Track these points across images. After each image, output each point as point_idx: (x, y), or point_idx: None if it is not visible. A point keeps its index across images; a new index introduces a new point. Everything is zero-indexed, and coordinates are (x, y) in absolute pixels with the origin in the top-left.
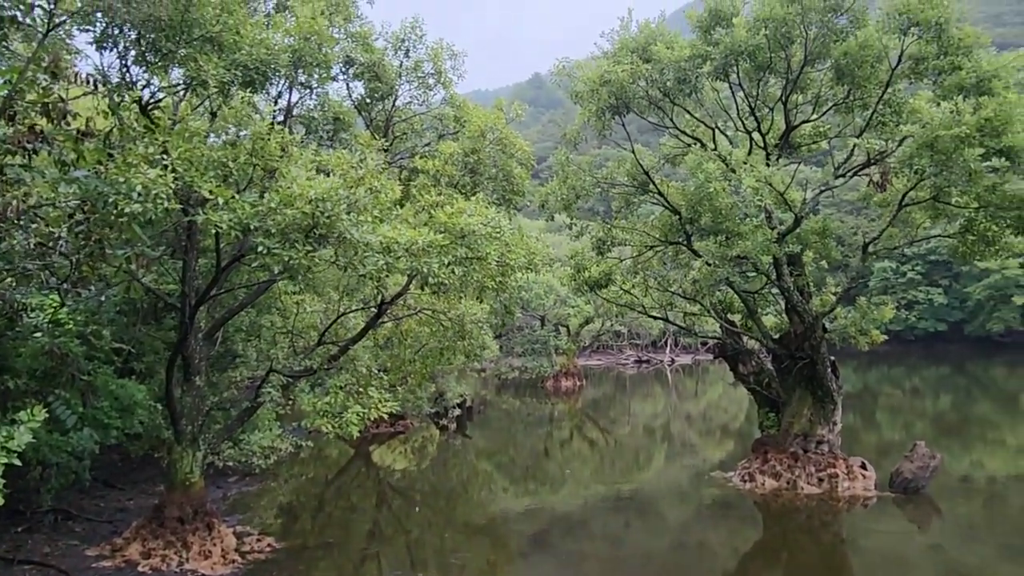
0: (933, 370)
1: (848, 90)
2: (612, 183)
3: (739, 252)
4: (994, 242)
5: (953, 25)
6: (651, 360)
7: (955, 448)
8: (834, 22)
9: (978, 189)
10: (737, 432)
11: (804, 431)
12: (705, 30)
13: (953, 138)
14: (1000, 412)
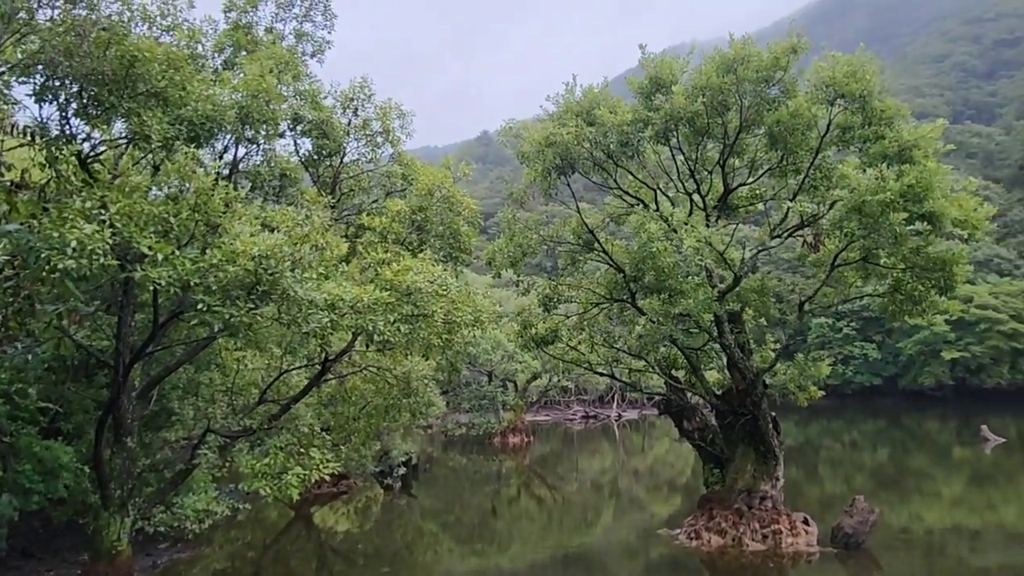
0: (870, 423)
1: (782, 155)
2: (558, 241)
3: (681, 310)
4: (920, 301)
5: (876, 97)
6: (598, 415)
7: (894, 501)
8: (766, 92)
9: (904, 251)
10: (684, 487)
11: (748, 487)
12: (646, 96)
13: (879, 203)
14: (935, 465)
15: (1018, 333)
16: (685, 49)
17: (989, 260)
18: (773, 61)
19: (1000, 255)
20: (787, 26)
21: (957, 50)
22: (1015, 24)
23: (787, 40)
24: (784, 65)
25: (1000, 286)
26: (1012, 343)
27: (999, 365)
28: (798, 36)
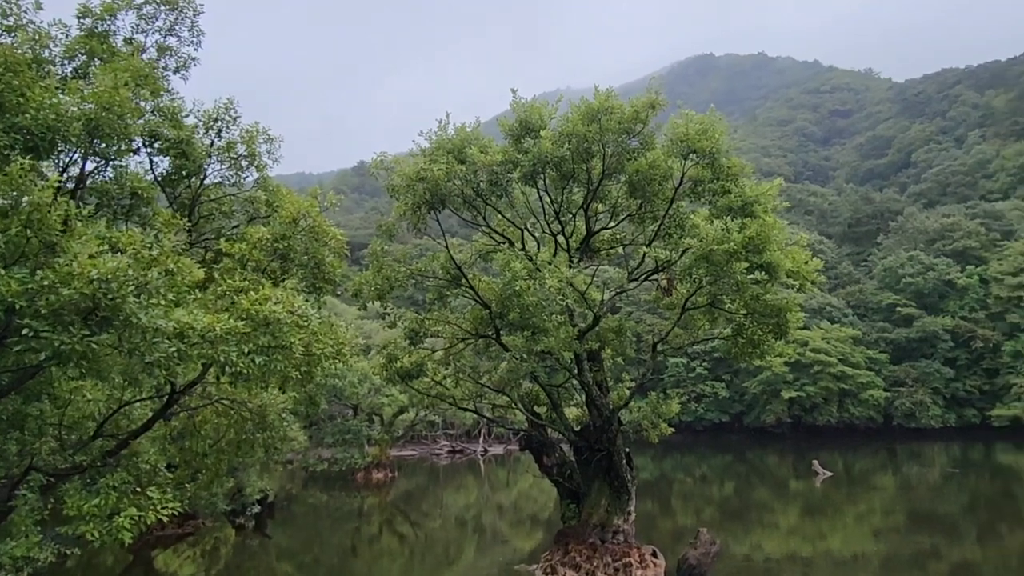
0: (719, 458)
1: (640, 203)
2: (426, 275)
3: (543, 347)
4: (759, 344)
5: (723, 155)
6: (465, 450)
7: (738, 532)
8: (627, 143)
9: (745, 298)
10: (546, 522)
11: (602, 521)
12: (516, 138)
13: (724, 252)
14: (774, 497)
15: (845, 375)
16: (569, 93)
17: (822, 308)
18: (634, 114)
19: (831, 304)
20: (660, 80)
21: (799, 116)
22: (847, 97)
23: (647, 96)
24: (644, 119)
25: (831, 332)
26: (840, 384)
27: (829, 404)
28: (656, 93)
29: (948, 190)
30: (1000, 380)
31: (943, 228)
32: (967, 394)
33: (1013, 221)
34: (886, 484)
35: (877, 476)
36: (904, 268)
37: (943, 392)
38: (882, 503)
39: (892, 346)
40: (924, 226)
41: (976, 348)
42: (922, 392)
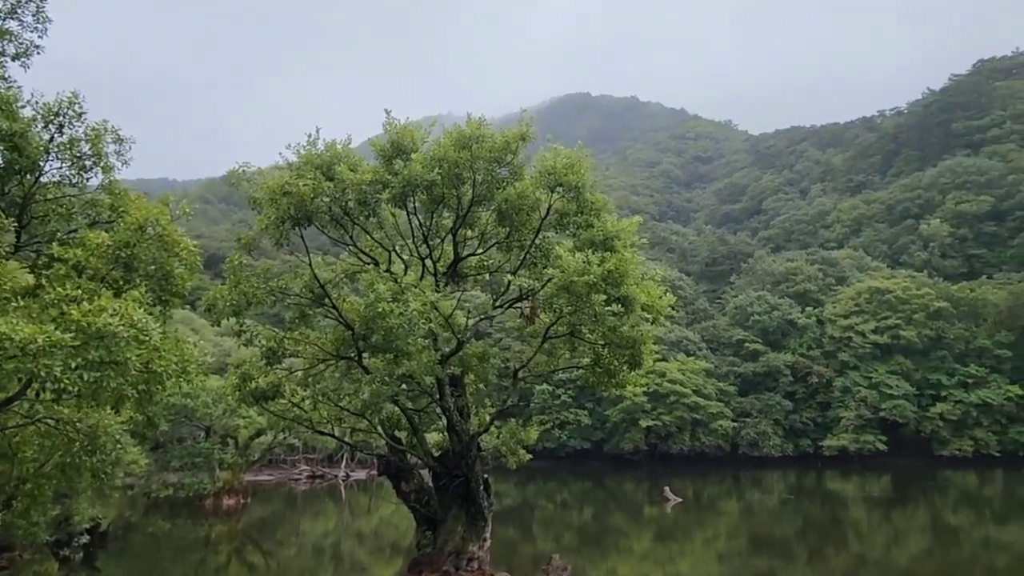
0: (580, 484)
1: (508, 231)
2: (287, 292)
3: (405, 371)
4: (615, 374)
5: (588, 190)
6: (326, 475)
7: (595, 557)
8: (498, 172)
9: (603, 328)
10: (407, 549)
11: (457, 548)
12: (387, 159)
13: (584, 284)
14: (629, 523)
15: (698, 405)
16: (451, 119)
17: (679, 341)
18: (505, 144)
19: (688, 337)
20: (540, 113)
21: (665, 159)
22: (709, 145)
23: (518, 128)
24: (514, 149)
25: (687, 364)
26: (693, 414)
27: (683, 433)
28: (527, 126)
29: (792, 237)
30: (831, 413)
31: (787, 271)
32: (803, 425)
33: (846, 268)
34: (731, 509)
35: (723, 502)
36: (753, 307)
37: (783, 423)
38: (727, 527)
39: (740, 379)
40: (771, 269)
41: (812, 383)
42: (765, 423)
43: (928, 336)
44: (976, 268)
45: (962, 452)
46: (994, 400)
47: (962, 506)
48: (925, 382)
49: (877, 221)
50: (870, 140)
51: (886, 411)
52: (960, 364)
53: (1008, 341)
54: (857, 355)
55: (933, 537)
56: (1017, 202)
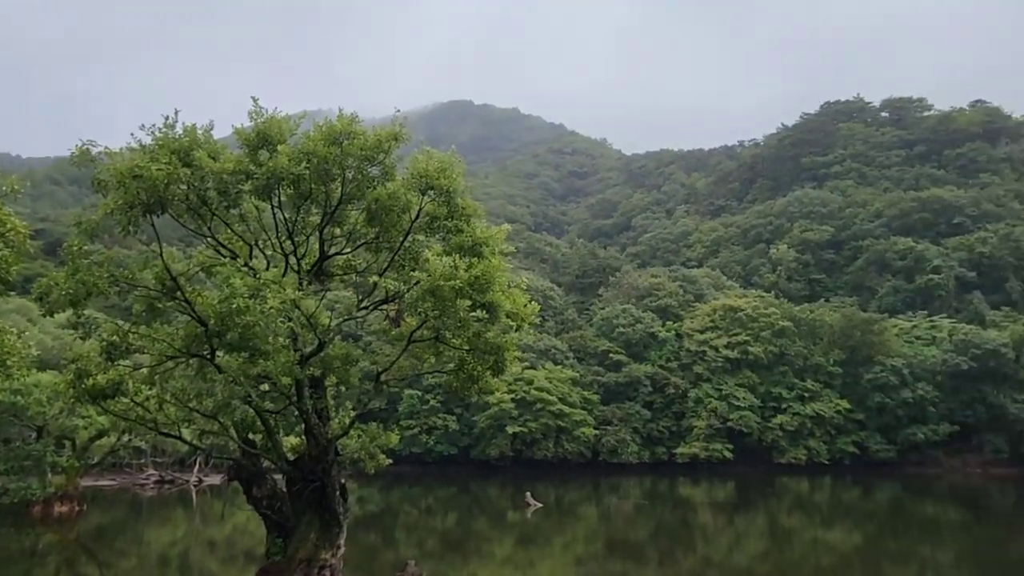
0: (445, 490)
1: (378, 232)
2: (134, 284)
3: (261, 371)
4: (478, 380)
5: (459, 195)
6: (176, 480)
7: (457, 562)
8: (369, 170)
9: (468, 334)
10: (261, 558)
11: (308, 556)
12: (252, 149)
13: (450, 289)
14: (492, 528)
15: (563, 413)
16: (331, 115)
17: (548, 350)
18: (377, 143)
19: (556, 346)
20: (422, 118)
21: (543, 172)
22: (584, 161)
23: (391, 128)
24: (387, 149)
25: (554, 372)
26: (558, 421)
27: (547, 440)
28: (400, 126)
29: (657, 254)
30: (685, 422)
31: (651, 287)
32: (659, 434)
33: (704, 286)
34: (589, 514)
35: (582, 507)
36: (618, 319)
37: (641, 431)
38: (585, 532)
39: (603, 388)
40: (637, 283)
41: (669, 394)
42: (625, 431)
43: (772, 352)
44: (816, 291)
45: (797, 460)
46: (826, 412)
47: (795, 510)
48: (768, 395)
49: (733, 243)
50: (731, 167)
51: (733, 421)
52: (799, 379)
53: (840, 359)
54: (710, 368)
55: (770, 539)
56: (853, 233)
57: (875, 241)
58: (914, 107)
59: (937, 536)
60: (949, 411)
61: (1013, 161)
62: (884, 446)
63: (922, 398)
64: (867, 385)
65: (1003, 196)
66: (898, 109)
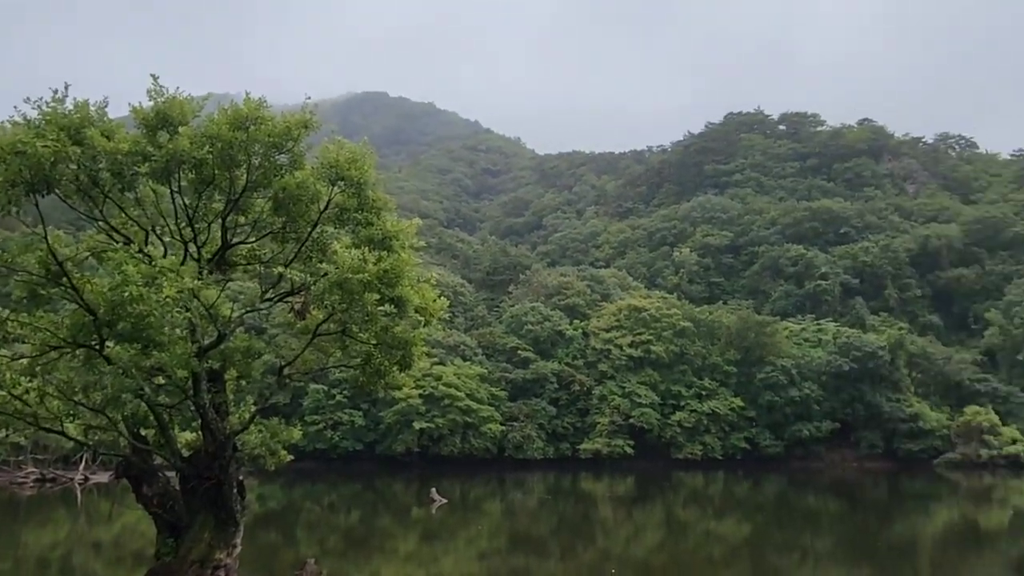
0: (349, 486)
1: (284, 222)
2: (14, 268)
3: (155, 363)
4: (384, 375)
5: (370, 187)
6: (59, 478)
7: (359, 559)
8: (276, 158)
9: (375, 328)
10: (151, 559)
11: (202, 557)
12: (151, 129)
13: (358, 282)
14: (396, 524)
15: (471, 409)
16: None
17: (457, 346)
18: (286, 130)
19: (465, 343)
20: (336, 107)
21: (457, 168)
22: (498, 159)
23: (300, 115)
24: (296, 136)
25: (463, 368)
26: (466, 417)
27: (454, 435)
28: (311, 113)
29: (567, 253)
30: (589, 419)
31: (560, 285)
32: (564, 430)
33: (610, 286)
34: (494, 510)
35: (487, 503)
36: (527, 316)
37: (547, 428)
38: (489, 527)
39: (511, 385)
40: (546, 282)
41: (574, 391)
42: (531, 427)
43: (673, 352)
44: (715, 294)
45: (693, 455)
46: (721, 410)
47: (690, 503)
48: (668, 393)
49: (639, 245)
50: (639, 171)
51: (635, 418)
52: (697, 378)
53: (735, 359)
54: (614, 366)
55: (666, 531)
56: (750, 239)
57: (770, 247)
58: (808, 122)
59: (818, 526)
60: (832, 409)
61: (894, 177)
62: (773, 442)
63: (808, 397)
64: (759, 384)
65: (884, 209)
66: (794, 123)
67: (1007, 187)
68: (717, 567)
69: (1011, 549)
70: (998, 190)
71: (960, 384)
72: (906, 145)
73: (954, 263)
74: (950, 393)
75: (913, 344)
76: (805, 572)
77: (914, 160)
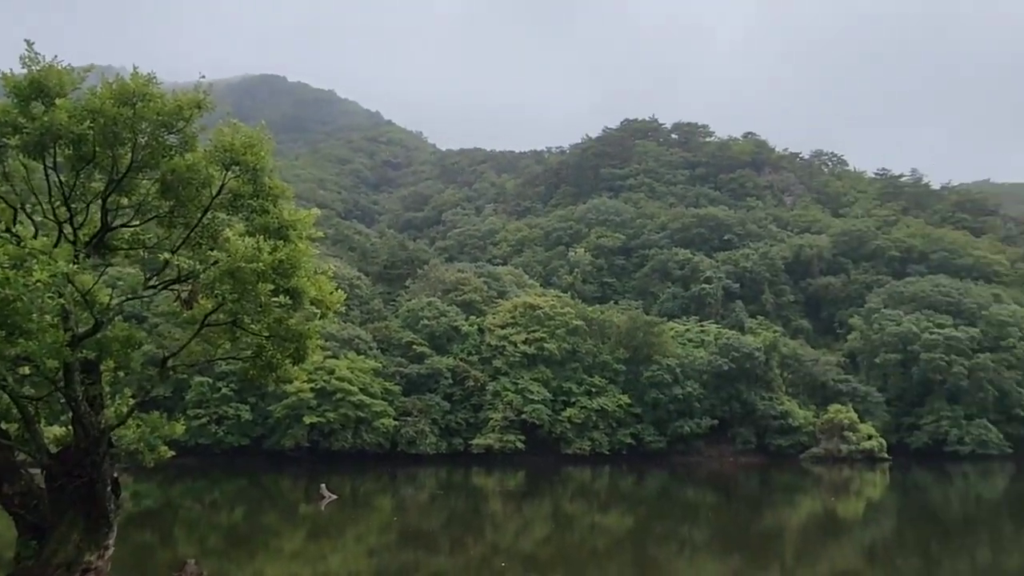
0: (234, 483)
1: (172, 206)
2: None
3: (22, 352)
4: (276, 368)
5: (267, 174)
6: None
7: (243, 559)
8: (165, 138)
9: (268, 320)
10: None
11: (69, 560)
12: (23, 99)
13: (252, 271)
14: (283, 522)
15: (364, 404)
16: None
17: (351, 339)
18: (176, 109)
19: (361, 336)
20: (230, 88)
21: (357, 159)
22: (399, 152)
23: (194, 94)
24: (188, 117)
25: (357, 362)
26: (358, 412)
27: (346, 430)
28: (205, 93)
29: (465, 250)
30: (482, 414)
31: (457, 281)
32: (457, 425)
33: (507, 283)
34: (384, 506)
35: (378, 498)
36: (424, 311)
37: (440, 423)
38: (379, 523)
39: (405, 379)
40: (444, 277)
41: (468, 386)
42: (424, 422)
43: (566, 349)
44: (607, 294)
45: (582, 451)
46: (609, 407)
47: (578, 497)
48: (560, 389)
49: (536, 244)
50: (538, 171)
51: (527, 414)
52: (587, 375)
53: (624, 358)
54: (508, 362)
55: (553, 524)
56: (642, 242)
57: (659, 251)
58: (699, 132)
59: (695, 517)
60: (711, 407)
61: (773, 189)
62: (656, 438)
63: (690, 395)
64: (645, 382)
65: (764, 219)
66: (686, 133)
67: (871, 203)
68: (601, 559)
69: (864, 536)
70: (864, 205)
71: (825, 384)
72: (785, 160)
73: (823, 272)
74: (816, 393)
75: (786, 346)
76: (682, 562)
77: (792, 174)
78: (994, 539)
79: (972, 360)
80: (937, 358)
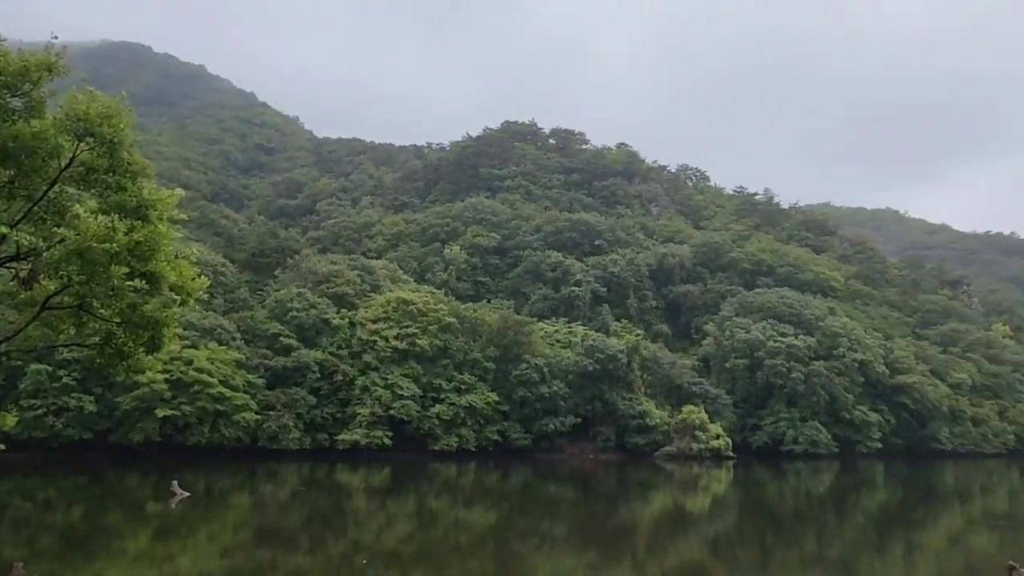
0: (72, 480)
1: (14, 176)
2: None
3: None
4: (128, 356)
5: (126, 149)
6: None
7: (78, 561)
8: (8, 100)
9: (121, 305)
10: None
11: None
12: None
13: (104, 252)
14: (127, 521)
15: (224, 396)
16: None
17: (213, 329)
18: (23, 70)
19: (223, 326)
20: (88, 53)
21: (227, 140)
22: (273, 136)
23: (44, 56)
24: (36, 80)
25: (217, 353)
26: (217, 405)
27: (203, 424)
28: (57, 56)
29: (339, 241)
30: (350, 409)
31: (330, 273)
32: (323, 420)
33: (381, 278)
34: (241, 503)
35: (235, 495)
36: (292, 303)
37: (305, 417)
38: (235, 521)
39: (270, 372)
40: (315, 268)
41: (337, 381)
42: (288, 416)
43: (438, 346)
44: (481, 292)
45: (449, 447)
46: (478, 404)
47: (443, 493)
48: (429, 386)
49: (412, 239)
50: (417, 167)
51: (395, 410)
52: (458, 372)
53: (494, 356)
54: (379, 357)
55: (417, 521)
56: (516, 243)
57: (533, 252)
58: (576, 139)
59: (556, 513)
60: (575, 406)
61: (642, 199)
62: (522, 435)
63: (556, 394)
64: (514, 381)
65: (632, 227)
66: (563, 139)
67: (729, 217)
68: (463, 554)
69: (709, 529)
70: (722, 219)
71: (680, 386)
72: (654, 172)
73: (684, 280)
74: (672, 394)
75: (646, 349)
76: (542, 556)
77: (659, 186)
78: (819, 531)
79: (808, 367)
80: (779, 364)
